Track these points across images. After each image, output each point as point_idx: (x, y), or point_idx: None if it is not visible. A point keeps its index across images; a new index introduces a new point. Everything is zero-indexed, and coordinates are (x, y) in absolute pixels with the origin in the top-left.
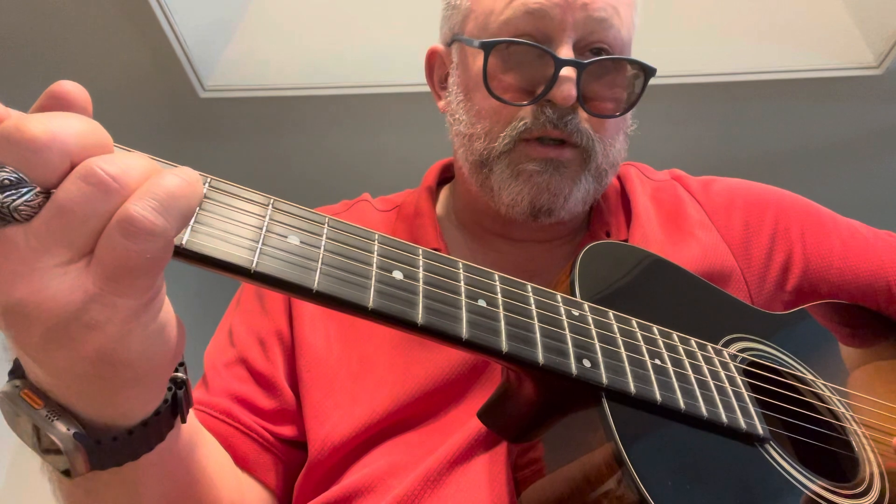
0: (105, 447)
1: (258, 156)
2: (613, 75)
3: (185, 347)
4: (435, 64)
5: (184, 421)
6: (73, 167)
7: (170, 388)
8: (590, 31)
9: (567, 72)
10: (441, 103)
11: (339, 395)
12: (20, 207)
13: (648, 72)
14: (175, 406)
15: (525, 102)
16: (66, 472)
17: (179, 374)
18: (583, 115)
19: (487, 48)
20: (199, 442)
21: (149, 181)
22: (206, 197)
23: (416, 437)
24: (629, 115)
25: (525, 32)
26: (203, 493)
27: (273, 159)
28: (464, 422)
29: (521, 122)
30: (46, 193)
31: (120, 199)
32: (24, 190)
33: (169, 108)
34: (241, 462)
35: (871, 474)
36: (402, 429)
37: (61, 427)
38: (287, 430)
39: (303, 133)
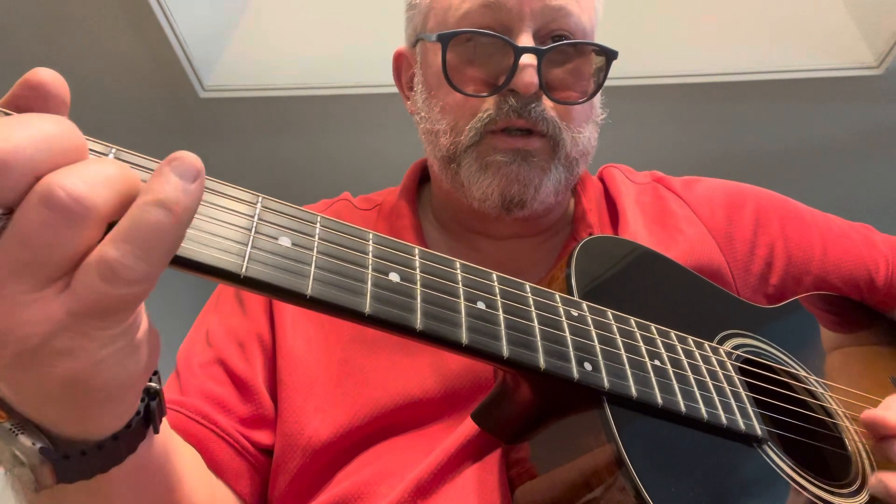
0: (73, 461)
1: (258, 156)
2: (577, 62)
3: (159, 356)
4: (402, 66)
5: (156, 431)
6: (38, 179)
7: (142, 399)
8: (549, 19)
9: (527, 59)
10: (408, 104)
11: (319, 399)
12: None
13: (610, 55)
14: (147, 417)
15: (487, 93)
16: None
17: (153, 384)
18: (548, 103)
19: (445, 41)
20: (173, 449)
21: (130, 217)
22: None
23: (403, 443)
24: (598, 104)
25: (483, 25)
26: (177, 501)
27: (272, 159)
28: (452, 428)
29: (486, 114)
30: (10, 213)
31: (85, 225)
32: None
33: (169, 108)
34: (214, 466)
35: (864, 471)
36: (388, 434)
37: (26, 441)
38: (263, 437)
39: (302, 133)
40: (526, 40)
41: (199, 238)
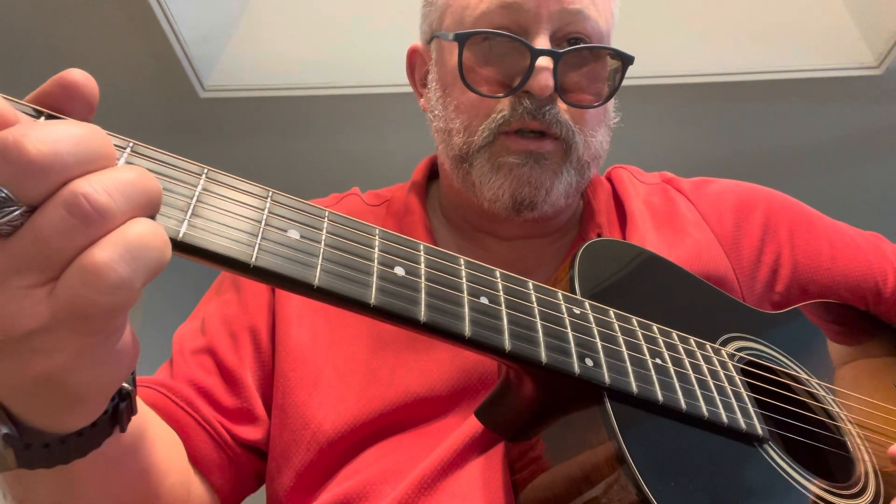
0: (34, 451)
1: (258, 156)
2: (592, 65)
3: (136, 362)
4: (416, 62)
5: (123, 430)
6: (65, 183)
7: (112, 399)
8: (566, 22)
9: (543, 62)
10: (422, 101)
11: (324, 394)
12: (1, 227)
13: (626, 60)
14: (115, 417)
15: (502, 94)
16: None
17: (125, 385)
18: (562, 106)
19: (462, 40)
20: (150, 438)
21: (129, 227)
22: (203, 189)
23: (407, 441)
24: (611, 107)
25: (501, 25)
26: (146, 489)
27: (273, 159)
28: (456, 426)
29: (500, 115)
30: (32, 210)
31: (97, 233)
32: (10, 209)
33: (169, 108)
34: (192, 455)
35: (866, 474)
36: (393, 431)
37: None
38: (244, 432)
39: (303, 133)
40: (542, 42)
41: (211, 228)
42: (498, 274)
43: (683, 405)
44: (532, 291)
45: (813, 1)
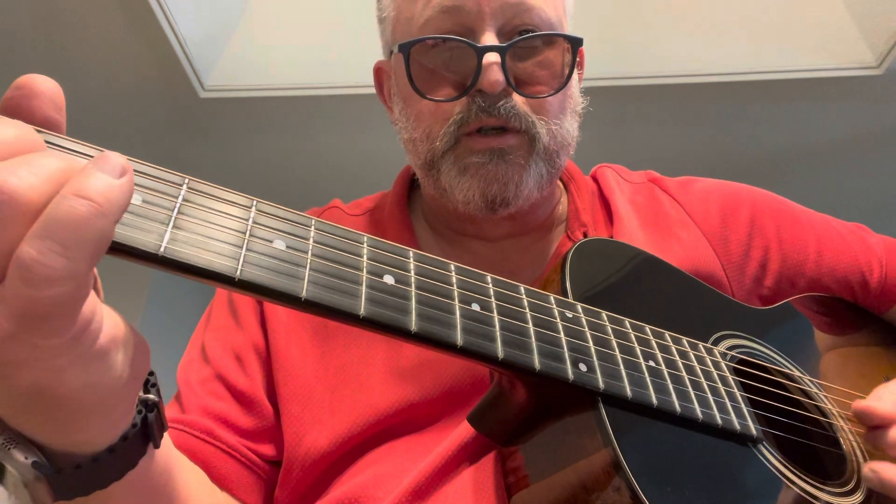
0: (67, 476)
1: (258, 156)
2: (546, 54)
3: (148, 366)
4: (382, 79)
5: (156, 446)
6: None
7: (140, 411)
8: (511, 15)
9: (490, 58)
10: (392, 116)
11: (316, 409)
12: None
13: (575, 43)
14: (145, 430)
15: (455, 97)
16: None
17: (150, 396)
18: (519, 98)
19: (405, 50)
20: (177, 468)
21: (47, 211)
22: (184, 200)
23: (400, 447)
24: (576, 93)
25: (446, 30)
26: None
27: (273, 159)
28: (449, 430)
29: (459, 116)
30: None
31: (14, 222)
32: None
33: (169, 108)
34: (223, 483)
35: (859, 471)
36: (386, 438)
37: (19, 456)
38: (269, 449)
39: (302, 133)
40: (489, 39)
41: (193, 241)
42: (489, 279)
43: (678, 408)
44: (524, 296)
45: (813, 1)
